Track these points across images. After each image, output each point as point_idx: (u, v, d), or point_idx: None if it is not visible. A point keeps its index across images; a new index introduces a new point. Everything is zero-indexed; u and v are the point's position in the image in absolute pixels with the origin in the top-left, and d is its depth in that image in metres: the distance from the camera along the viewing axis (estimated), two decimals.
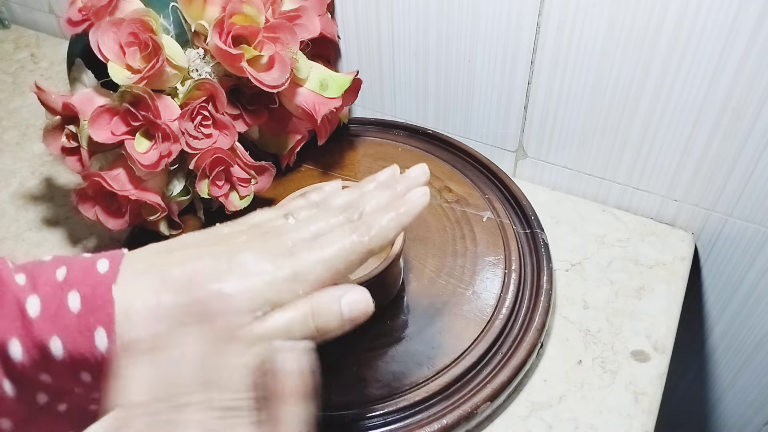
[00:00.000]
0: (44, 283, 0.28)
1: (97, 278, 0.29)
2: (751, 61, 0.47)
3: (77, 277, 0.29)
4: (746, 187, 0.54)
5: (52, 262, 0.30)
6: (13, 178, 0.68)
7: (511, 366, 0.46)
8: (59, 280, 0.29)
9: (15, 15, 0.92)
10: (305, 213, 0.35)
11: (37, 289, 0.28)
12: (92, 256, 0.31)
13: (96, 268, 0.29)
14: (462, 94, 0.62)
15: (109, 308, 0.28)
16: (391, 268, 0.46)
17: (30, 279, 0.29)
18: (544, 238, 0.55)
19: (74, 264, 0.30)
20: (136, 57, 0.49)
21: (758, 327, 0.63)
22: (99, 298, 0.28)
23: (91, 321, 0.28)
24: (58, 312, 0.28)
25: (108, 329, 0.28)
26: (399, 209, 0.34)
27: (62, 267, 0.29)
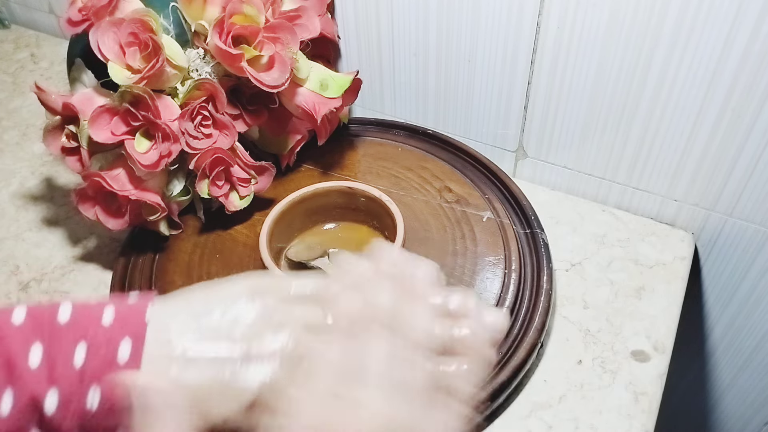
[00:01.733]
0: (62, 372, 0.27)
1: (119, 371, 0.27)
2: (751, 61, 0.47)
3: (97, 368, 0.27)
4: (746, 187, 0.54)
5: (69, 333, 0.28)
6: (13, 178, 0.68)
7: (511, 366, 0.46)
8: (78, 368, 0.27)
9: (15, 15, 0.92)
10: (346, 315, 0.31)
11: (56, 381, 0.27)
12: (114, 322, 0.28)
13: (117, 356, 0.28)
14: (462, 94, 0.62)
15: (130, 411, 0.27)
16: None
17: (46, 364, 0.27)
18: (544, 238, 0.55)
19: (95, 343, 0.28)
20: (136, 57, 0.49)
21: (758, 327, 0.63)
22: (118, 402, 0.27)
23: (111, 423, 0.27)
24: (77, 409, 0.27)
25: (127, 429, 0.27)
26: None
27: (81, 343, 0.27)
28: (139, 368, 0.28)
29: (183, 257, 0.55)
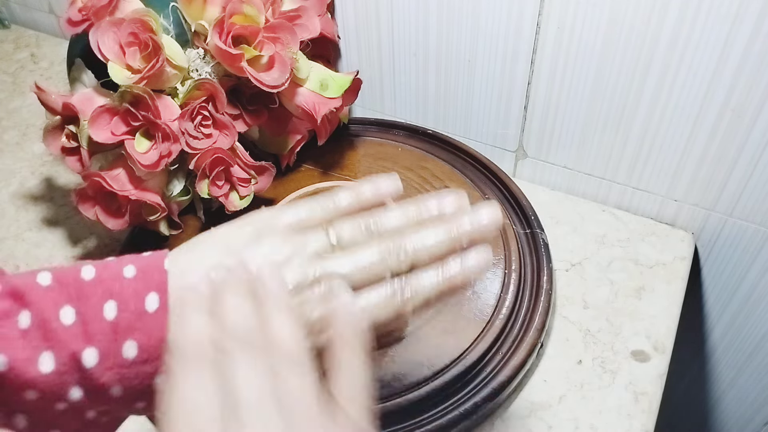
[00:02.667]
0: (96, 329, 0.28)
1: (151, 323, 0.29)
2: (751, 61, 0.47)
3: (129, 320, 0.29)
4: (746, 187, 0.54)
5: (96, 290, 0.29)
6: (13, 178, 0.68)
7: (511, 366, 0.46)
8: (111, 321, 0.28)
9: (15, 15, 0.92)
10: (349, 233, 0.33)
11: (91, 339, 0.28)
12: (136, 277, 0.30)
13: (146, 307, 0.29)
14: (462, 94, 0.62)
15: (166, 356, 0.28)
16: None
17: (80, 321, 0.28)
18: (544, 238, 0.55)
19: (122, 298, 0.29)
20: (136, 57, 0.49)
21: (758, 327, 0.63)
22: (156, 348, 0.29)
23: (149, 370, 0.29)
24: (115, 362, 0.28)
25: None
26: (451, 275, 0.32)
27: (110, 301, 0.29)
28: (167, 316, 0.29)
29: None
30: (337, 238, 0.33)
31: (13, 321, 0.28)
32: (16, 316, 0.28)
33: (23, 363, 0.27)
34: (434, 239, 0.32)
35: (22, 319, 0.28)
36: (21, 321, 0.28)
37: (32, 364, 0.28)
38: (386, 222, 0.33)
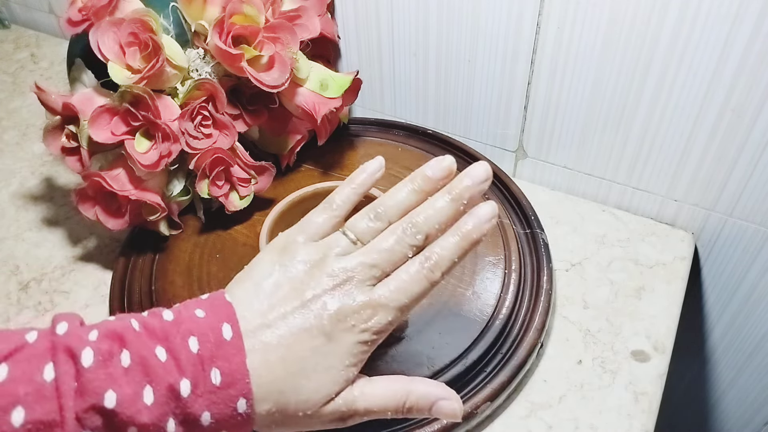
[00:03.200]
0: (186, 362, 0.31)
1: (229, 350, 0.32)
2: (751, 61, 0.47)
3: (211, 350, 0.32)
4: (746, 187, 0.54)
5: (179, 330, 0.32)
6: (13, 178, 0.68)
7: (511, 366, 0.46)
8: (195, 354, 0.32)
9: (15, 15, 0.92)
10: (362, 225, 0.37)
11: (184, 371, 0.31)
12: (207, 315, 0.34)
13: (223, 336, 0.33)
14: (462, 94, 0.62)
15: (247, 378, 0.32)
16: None
17: (171, 357, 0.31)
18: (544, 238, 0.55)
19: (202, 333, 0.32)
20: (136, 57, 0.49)
21: (758, 327, 0.63)
22: (237, 372, 0.32)
23: (233, 393, 0.32)
24: (204, 389, 0.31)
25: (247, 396, 0.32)
26: (467, 232, 0.35)
27: (192, 337, 0.32)
28: (242, 341, 0.33)
29: (183, 257, 0.55)
30: (355, 234, 0.37)
31: (116, 360, 0.31)
32: (118, 356, 0.31)
33: (130, 398, 0.30)
34: (439, 204, 0.36)
35: (124, 358, 0.31)
36: (123, 360, 0.31)
37: (138, 398, 0.30)
38: (389, 203, 0.37)
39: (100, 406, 0.29)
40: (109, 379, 0.30)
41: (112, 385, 0.30)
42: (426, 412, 0.36)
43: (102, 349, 0.31)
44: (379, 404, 0.36)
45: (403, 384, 0.36)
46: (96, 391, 0.29)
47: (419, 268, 0.35)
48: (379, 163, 0.41)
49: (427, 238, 0.36)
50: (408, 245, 0.36)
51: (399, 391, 0.36)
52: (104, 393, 0.29)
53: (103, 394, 0.29)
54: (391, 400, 0.36)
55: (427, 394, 0.36)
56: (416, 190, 0.38)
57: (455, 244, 0.35)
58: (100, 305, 0.55)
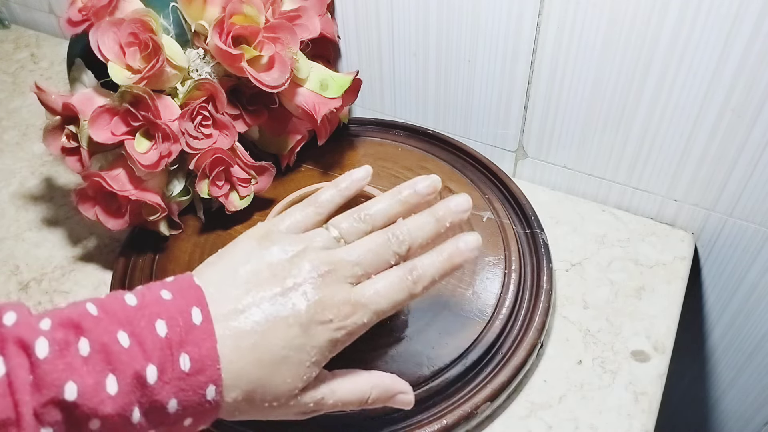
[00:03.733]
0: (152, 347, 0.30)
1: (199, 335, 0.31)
2: (751, 61, 0.47)
3: (180, 335, 0.31)
4: (746, 187, 0.54)
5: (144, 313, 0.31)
6: (13, 178, 0.68)
7: (511, 366, 0.46)
8: (163, 338, 0.30)
9: (15, 15, 0.92)
10: (346, 225, 0.37)
11: (150, 357, 0.30)
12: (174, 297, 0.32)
13: (192, 321, 0.31)
14: (462, 94, 0.62)
15: (217, 365, 0.31)
16: None
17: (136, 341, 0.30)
18: (544, 238, 0.55)
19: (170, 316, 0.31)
20: (136, 57, 0.49)
21: (758, 327, 0.63)
22: (207, 358, 0.31)
23: (202, 379, 0.31)
24: (172, 375, 0.30)
25: (217, 383, 0.31)
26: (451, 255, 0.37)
27: (159, 320, 0.31)
28: (212, 325, 0.31)
29: (183, 257, 0.55)
30: (339, 232, 0.37)
31: (74, 349, 0.29)
32: (76, 344, 0.29)
33: (92, 389, 0.28)
34: (424, 219, 0.38)
35: (82, 346, 0.29)
36: (81, 349, 0.29)
37: (100, 388, 0.28)
38: (374, 209, 0.38)
39: (60, 399, 0.28)
40: (68, 370, 0.28)
41: (71, 375, 0.28)
42: (384, 403, 0.38)
43: (57, 338, 0.29)
44: (345, 399, 0.36)
45: (366, 379, 0.37)
46: (54, 383, 0.28)
47: (403, 277, 0.35)
48: (365, 171, 0.41)
49: (409, 249, 0.37)
50: (392, 252, 0.36)
51: (363, 386, 0.37)
52: (63, 385, 0.28)
53: (63, 386, 0.28)
54: (356, 395, 0.36)
55: (388, 388, 0.38)
56: (401, 201, 0.39)
57: (439, 263, 0.36)
58: None
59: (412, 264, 0.36)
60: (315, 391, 0.35)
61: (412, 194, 0.39)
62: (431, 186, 0.39)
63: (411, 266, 0.36)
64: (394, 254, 0.36)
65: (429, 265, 0.36)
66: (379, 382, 0.37)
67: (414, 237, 0.37)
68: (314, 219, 0.38)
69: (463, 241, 0.37)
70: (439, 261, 0.36)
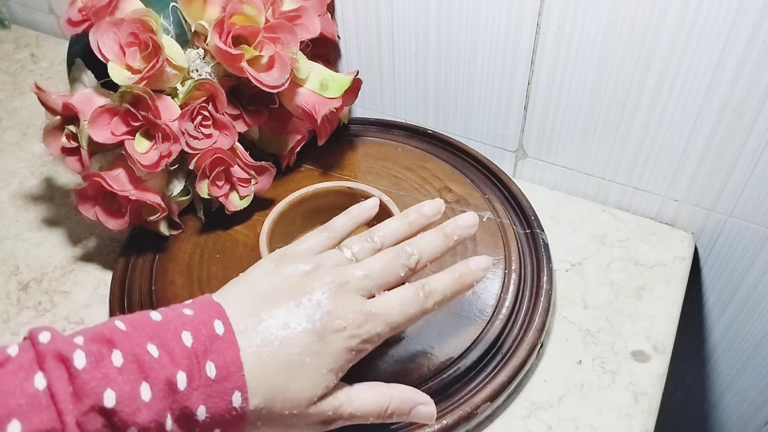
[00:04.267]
0: (180, 356, 0.32)
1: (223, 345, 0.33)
2: (751, 61, 0.47)
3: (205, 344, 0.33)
4: (746, 187, 0.54)
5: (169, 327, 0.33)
6: (13, 178, 0.68)
7: (511, 366, 0.46)
8: (189, 348, 0.32)
9: (15, 15, 0.92)
10: (358, 246, 0.40)
11: (179, 364, 0.31)
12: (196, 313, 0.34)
13: (216, 331, 0.33)
14: (462, 94, 0.62)
15: (241, 371, 0.33)
16: None
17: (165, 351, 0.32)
18: (544, 238, 0.55)
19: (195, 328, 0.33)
20: (136, 57, 0.49)
21: (758, 327, 0.63)
22: (231, 365, 0.32)
23: (228, 386, 0.32)
24: (200, 382, 0.32)
25: (242, 389, 0.32)
26: (462, 274, 0.39)
27: (184, 332, 0.33)
28: (234, 336, 0.33)
29: (183, 257, 0.55)
30: (351, 252, 0.39)
31: (108, 361, 0.30)
32: (109, 357, 0.31)
33: (128, 396, 0.30)
34: (431, 236, 0.40)
35: (116, 358, 0.31)
36: (115, 360, 0.31)
37: (136, 395, 0.30)
38: (384, 230, 0.41)
39: (100, 407, 0.29)
40: (106, 379, 0.30)
41: (109, 384, 0.29)
42: (405, 417, 0.39)
43: (93, 351, 0.30)
44: (363, 410, 0.37)
45: (385, 390, 0.38)
46: (94, 391, 0.29)
47: (415, 292, 0.38)
48: (373, 202, 0.45)
49: (418, 263, 0.39)
50: (401, 264, 0.38)
51: (382, 398, 0.38)
52: (103, 392, 0.29)
53: (102, 393, 0.29)
54: (375, 406, 0.37)
55: (408, 399, 0.38)
56: (410, 223, 0.42)
57: (452, 281, 0.39)
58: (100, 305, 0.55)
59: (425, 280, 0.38)
60: (333, 399, 0.36)
61: (419, 216, 0.42)
62: (435, 209, 0.42)
63: (423, 282, 0.38)
64: (403, 267, 0.38)
65: (440, 282, 0.38)
66: (398, 393, 0.38)
67: (422, 251, 0.39)
68: (328, 243, 0.41)
69: (474, 262, 0.39)
70: (450, 279, 0.39)
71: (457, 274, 0.39)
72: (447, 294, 0.38)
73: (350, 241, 0.41)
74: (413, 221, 0.42)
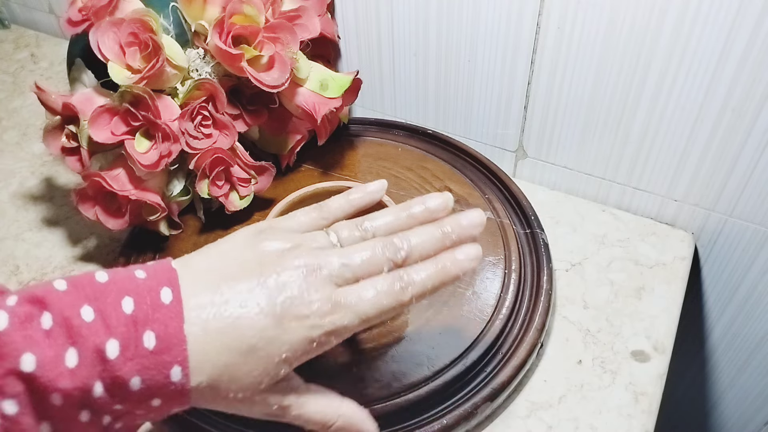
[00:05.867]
0: (116, 322, 0.30)
1: (167, 314, 0.31)
2: (751, 61, 0.47)
3: (147, 313, 0.30)
4: (746, 187, 0.54)
5: (111, 289, 0.31)
6: (13, 178, 0.68)
7: (511, 366, 0.46)
8: (129, 315, 0.30)
9: (15, 15, 0.92)
10: (347, 233, 0.36)
11: (112, 332, 0.30)
12: (148, 277, 0.32)
13: (161, 299, 0.31)
14: (462, 94, 0.62)
15: (183, 345, 0.30)
16: None
17: (100, 317, 0.30)
18: (544, 238, 0.55)
19: (138, 294, 0.31)
20: (136, 57, 0.49)
21: (758, 327, 0.63)
22: (173, 338, 0.30)
23: (167, 359, 0.30)
24: (135, 352, 0.30)
25: (183, 364, 0.30)
26: (445, 265, 0.35)
27: (126, 297, 0.31)
28: (181, 307, 0.31)
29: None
30: (338, 237, 0.36)
31: (36, 323, 0.29)
32: (38, 319, 0.29)
33: (51, 361, 0.28)
34: (427, 231, 0.36)
35: (45, 320, 0.29)
36: (44, 322, 0.29)
37: (60, 361, 0.28)
38: (379, 221, 0.37)
39: (18, 371, 0.28)
40: (27, 342, 0.28)
41: (30, 347, 0.28)
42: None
43: (19, 312, 0.29)
44: (309, 418, 0.35)
45: (336, 405, 0.36)
46: (11, 354, 0.28)
47: (392, 282, 0.34)
48: (381, 184, 0.40)
49: (406, 259, 0.35)
50: (386, 258, 0.35)
51: (331, 413, 0.36)
52: (20, 356, 0.28)
53: (19, 357, 0.28)
54: (321, 418, 0.35)
55: (354, 423, 0.36)
56: (410, 215, 0.37)
57: (434, 272, 0.35)
58: None
59: (404, 270, 0.35)
60: (283, 397, 0.34)
61: (422, 211, 0.37)
62: (443, 204, 0.38)
63: (402, 273, 0.35)
64: (387, 260, 0.35)
65: (421, 273, 0.35)
66: (349, 413, 0.36)
67: (413, 247, 0.35)
68: (317, 223, 0.38)
69: (462, 252, 0.36)
70: (433, 270, 0.35)
71: (441, 265, 0.35)
72: (428, 286, 0.35)
73: (340, 225, 0.37)
74: (415, 215, 0.37)
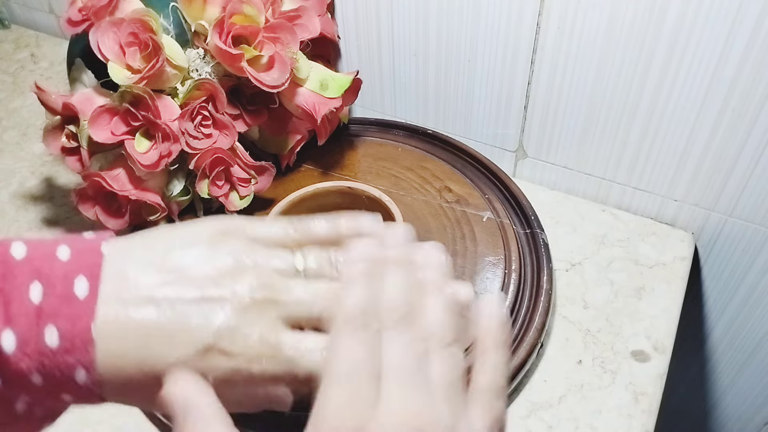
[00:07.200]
0: (18, 311, 0.26)
1: (76, 310, 0.27)
2: (751, 61, 0.47)
3: (54, 305, 0.26)
4: (746, 187, 0.54)
5: (23, 269, 0.27)
6: (13, 178, 0.68)
7: (511, 366, 0.46)
8: (35, 304, 0.26)
9: (15, 15, 0.92)
10: (315, 264, 0.31)
11: (11, 321, 0.26)
12: (69, 259, 0.28)
13: (74, 291, 0.27)
14: (462, 94, 0.62)
15: (90, 348, 0.26)
16: None
17: (2, 301, 0.26)
18: (544, 238, 0.55)
19: (50, 280, 0.27)
20: (136, 57, 0.49)
21: (758, 327, 0.63)
22: (78, 338, 0.26)
23: (70, 361, 0.26)
24: (35, 348, 0.26)
25: (88, 368, 0.27)
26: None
27: (36, 282, 0.27)
28: (96, 303, 0.27)
29: None
30: (304, 264, 0.31)
31: None
32: None
33: None
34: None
35: None
36: None
37: None
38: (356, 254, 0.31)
39: None
40: None
41: None
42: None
43: None
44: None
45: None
46: None
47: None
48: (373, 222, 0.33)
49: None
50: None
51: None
52: None
53: None
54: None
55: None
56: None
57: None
58: None
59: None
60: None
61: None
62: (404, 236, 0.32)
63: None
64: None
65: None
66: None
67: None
68: (289, 242, 0.32)
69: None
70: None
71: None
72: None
73: (310, 250, 0.31)
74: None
